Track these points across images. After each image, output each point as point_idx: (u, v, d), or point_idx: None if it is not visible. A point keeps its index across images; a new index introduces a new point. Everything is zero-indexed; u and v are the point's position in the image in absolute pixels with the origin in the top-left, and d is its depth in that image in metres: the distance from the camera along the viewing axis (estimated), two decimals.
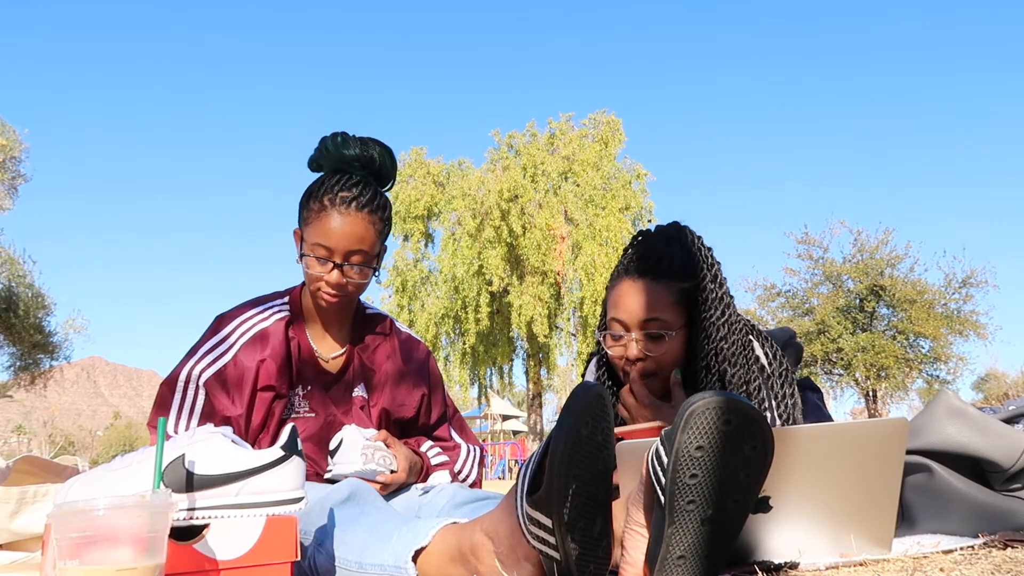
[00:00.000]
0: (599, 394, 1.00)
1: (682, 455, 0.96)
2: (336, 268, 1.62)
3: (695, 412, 0.96)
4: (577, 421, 0.97)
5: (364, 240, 1.63)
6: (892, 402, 20.71)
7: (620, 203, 20.04)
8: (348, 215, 1.62)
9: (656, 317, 1.58)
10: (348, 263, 1.63)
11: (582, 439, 0.97)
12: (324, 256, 1.61)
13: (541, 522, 0.98)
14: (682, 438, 0.96)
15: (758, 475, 0.99)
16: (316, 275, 1.63)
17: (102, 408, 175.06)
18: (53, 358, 18.22)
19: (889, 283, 18.99)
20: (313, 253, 1.62)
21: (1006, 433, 1.45)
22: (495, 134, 21.39)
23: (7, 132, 16.65)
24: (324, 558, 1.20)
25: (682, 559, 0.98)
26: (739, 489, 0.98)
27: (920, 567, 1.15)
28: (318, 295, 1.66)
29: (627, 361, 1.62)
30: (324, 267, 1.62)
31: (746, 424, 0.96)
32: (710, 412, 0.96)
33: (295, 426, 1.07)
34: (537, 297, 19.44)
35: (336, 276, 1.62)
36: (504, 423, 34.40)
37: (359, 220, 1.63)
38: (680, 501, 0.97)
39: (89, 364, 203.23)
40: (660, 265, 1.60)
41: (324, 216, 1.62)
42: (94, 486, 0.98)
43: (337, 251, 1.61)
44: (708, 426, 0.96)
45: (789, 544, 1.22)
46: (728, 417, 0.96)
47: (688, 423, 0.97)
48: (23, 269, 16.97)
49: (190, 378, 1.62)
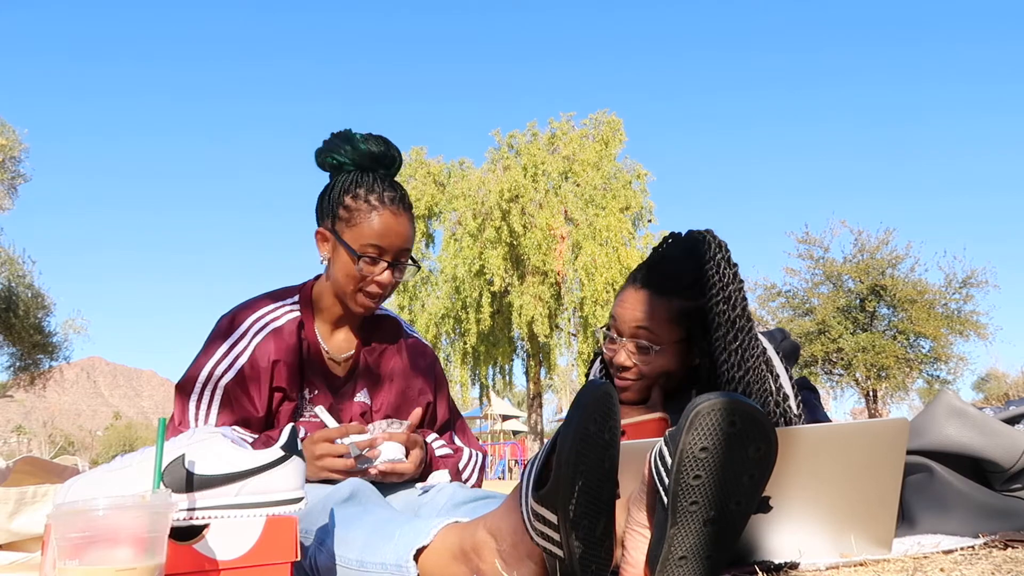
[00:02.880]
0: (607, 393, 1.00)
1: (686, 456, 0.96)
2: (389, 268, 1.62)
3: (700, 413, 0.96)
4: (585, 418, 0.97)
5: (411, 239, 1.66)
6: (892, 402, 20.73)
7: (620, 203, 20.03)
8: (399, 215, 1.63)
9: (646, 328, 1.59)
10: (398, 263, 1.64)
11: (590, 435, 0.97)
12: (376, 255, 1.61)
13: (546, 518, 0.98)
14: (687, 439, 0.96)
15: (762, 477, 0.99)
16: (363, 275, 1.61)
17: (102, 408, 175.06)
18: (53, 358, 18.24)
19: (890, 283, 18.99)
20: (364, 254, 1.60)
21: (1006, 433, 1.45)
22: (495, 134, 21.40)
23: (7, 132, 16.67)
24: (325, 557, 1.20)
25: (684, 560, 0.98)
26: (742, 491, 0.98)
27: (920, 567, 1.15)
28: (358, 297, 1.64)
29: (613, 366, 1.66)
30: (376, 267, 1.62)
31: (751, 426, 0.96)
32: (715, 413, 0.96)
33: (295, 426, 1.07)
34: (538, 297, 19.44)
35: (388, 276, 1.62)
36: (504, 423, 34.39)
37: (407, 219, 1.65)
38: (683, 502, 0.97)
39: (89, 364, 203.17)
40: (667, 280, 1.59)
41: (374, 216, 1.60)
42: (94, 486, 0.98)
43: (391, 251, 1.62)
44: (713, 427, 0.96)
45: (789, 544, 1.22)
46: (733, 419, 0.96)
47: (693, 424, 0.96)
48: (23, 269, 16.99)
49: (210, 378, 1.60)
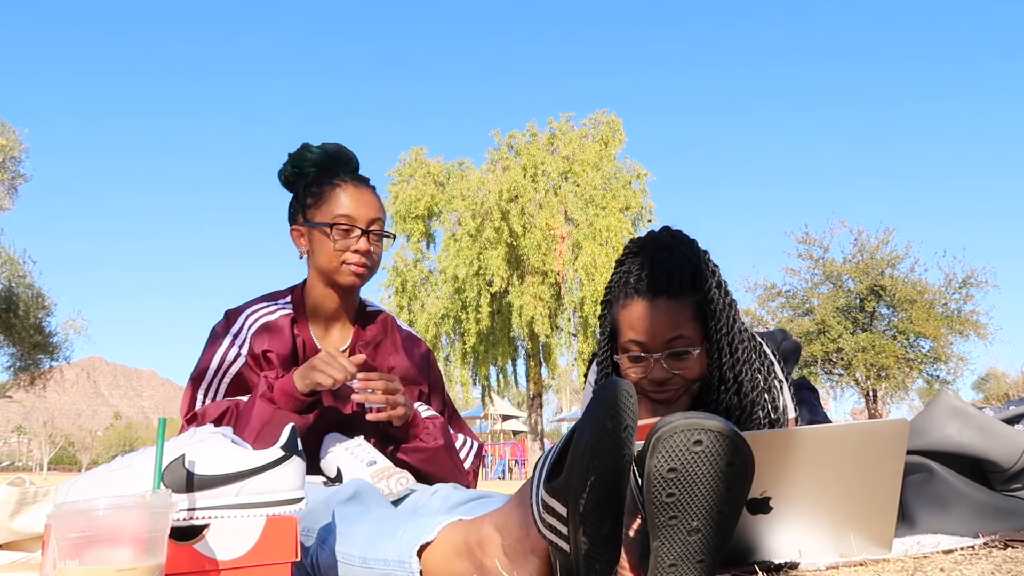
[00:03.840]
0: (627, 391, 0.99)
1: (654, 478, 0.96)
2: (363, 235, 1.69)
3: (662, 437, 0.95)
4: (604, 414, 0.96)
5: (380, 209, 1.73)
6: (892, 402, 20.71)
7: (620, 203, 20.01)
8: (362, 188, 1.73)
9: (680, 335, 1.54)
10: (371, 231, 1.71)
11: (607, 431, 0.97)
12: (348, 225, 1.68)
13: (556, 510, 0.97)
14: (652, 462, 0.96)
15: (742, 487, 0.98)
16: (341, 248, 1.68)
17: (102, 408, 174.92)
18: (53, 358, 18.23)
19: (889, 283, 18.97)
20: (336, 225, 1.67)
21: (1006, 433, 1.45)
22: (495, 134, 21.36)
23: (7, 132, 16.66)
24: (327, 555, 1.20)
25: (674, 567, 0.98)
26: (724, 501, 0.97)
27: (920, 567, 1.15)
28: (343, 271, 1.70)
29: (650, 383, 1.57)
30: (350, 237, 1.68)
31: (719, 442, 0.95)
32: (677, 435, 0.95)
33: (295, 426, 1.07)
34: (537, 297, 19.42)
35: (364, 243, 1.69)
36: (504, 423, 34.36)
37: (371, 192, 1.75)
38: (661, 518, 0.97)
39: (89, 364, 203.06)
40: (673, 281, 1.54)
41: (340, 191, 1.70)
42: (94, 486, 0.98)
43: (360, 219, 1.69)
44: (677, 448, 0.95)
45: (789, 544, 1.22)
46: (698, 437, 0.95)
47: (656, 447, 0.95)
48: (23, 269, 16.98)
49: (220, 367, 1.66)
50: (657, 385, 1.57)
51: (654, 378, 1.56)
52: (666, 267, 1.55)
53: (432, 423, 1.72)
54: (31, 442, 57.97)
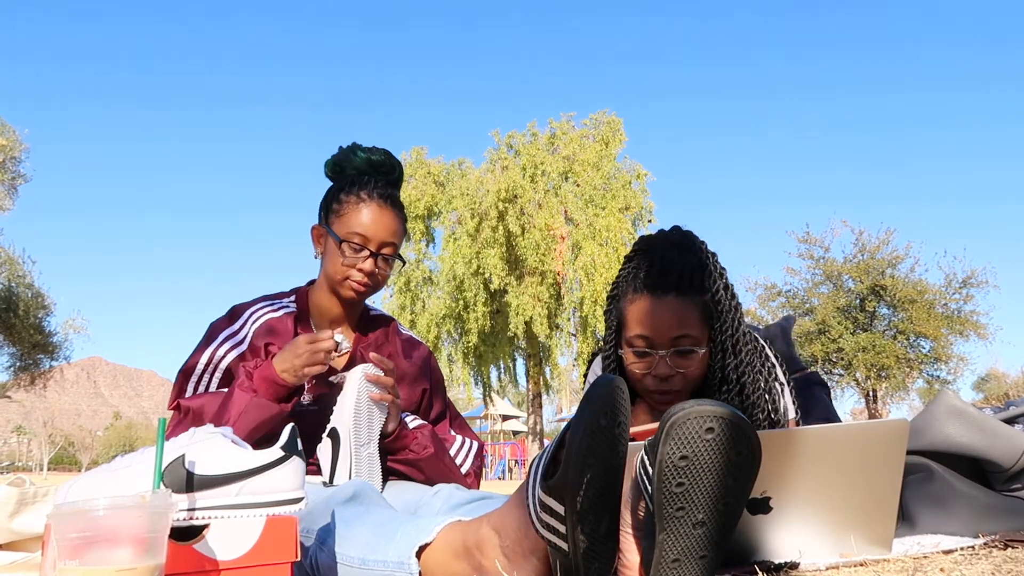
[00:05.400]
0: (619, 388, 0.99)
1: (666, 466, 0.96)
2: (371, 257, 1.71)
3: (676, 423, 0.96)
4: (596, 412, 0.97)
5: (396, 233, 1.75)
6: (892, 402, 20.72)
7: (620, 203, 20.01)
8: (385, 208, 1.74)
9: (687, 334, 1.55)
10: (381, 254, 1.72)
11: (600, 429, 0.97)
12: (359, 244, 1.70)
13: (553, 509, 0.98)
14: (664, 449, 0.96)
15: (747, 478, 0.99)
16: (348, 264, 1.70)
17: (102, 408, 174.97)
18: (53, 358, 18.22)
19: (890, 283, 18.98)
20: (348, 241, 1.70)
21: (1006, 433, 1.45)
22: (495, 134, 21.36)
23: (7, 132, 16.67)
24: (326, 556, 1.20)
25: (677, 562, 0.98)
26: (729, 493, 0.98)
27: (920, 567, 1.15)
28: (345, 285, 1.72)
29: (653, 379, 1.59)
30: (358, 256, 1.70)
31: (730, 430, 0.96)
32: (691, 421, 0.95)
33: (295, 426, 1.07)
34: (536, 297, 19.42)
35: (370, 265, 1.71)
36: (504, 423, 34.38)
37: (394, 214, 1.76)
38: (669, 508, 0.97)
39: (89, 364, 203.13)
40: (682, 279, 1.56)
41: (362, 207, 1.72)
42: (94, 486, 0.98)
43: (373, 241, 1.71)
44: (690, 435, 0.95)
45: (789, 544, 1.22)
46: (711, 425, 0.95)
47: (670, 434, 0.96)
48: (23, 269, 16.99)
49: (210, 363, 1.67)
50: (660, 381, 1.59)
51: (659, 373, 1.57)
52: (676, 266, 1.57)
53: (421, 432, 1.73)
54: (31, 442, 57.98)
